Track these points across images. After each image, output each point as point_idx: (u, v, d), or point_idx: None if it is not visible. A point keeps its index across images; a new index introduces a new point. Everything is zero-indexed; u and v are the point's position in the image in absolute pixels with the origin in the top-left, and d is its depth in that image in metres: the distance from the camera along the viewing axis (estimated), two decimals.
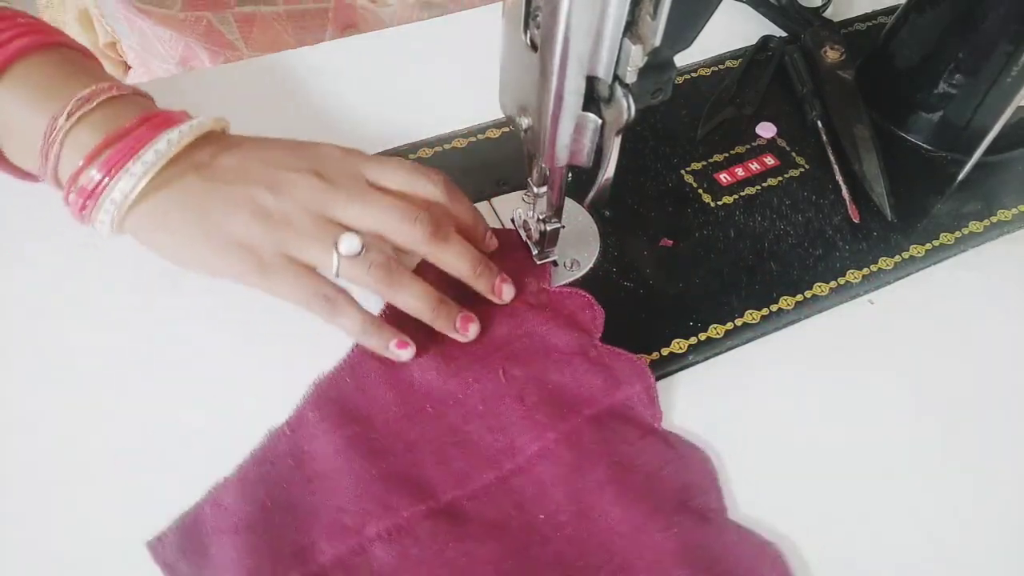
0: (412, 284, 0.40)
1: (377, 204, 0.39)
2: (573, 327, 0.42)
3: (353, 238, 0.38)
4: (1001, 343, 0.46)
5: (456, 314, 0.41)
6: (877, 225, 0.50)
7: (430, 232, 0.39)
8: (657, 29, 0.30)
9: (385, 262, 0.39)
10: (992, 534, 0.39)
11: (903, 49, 0.55)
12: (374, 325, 0.39)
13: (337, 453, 0.38)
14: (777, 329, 0.45)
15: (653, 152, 0.53)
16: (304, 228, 0.38)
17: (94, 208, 0.38)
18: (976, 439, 0.42)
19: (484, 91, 0.42)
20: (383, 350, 0.40)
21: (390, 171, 0.41)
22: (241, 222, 0.38)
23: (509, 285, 0.43)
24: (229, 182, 0.39)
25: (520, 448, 0.38)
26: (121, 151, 0.37)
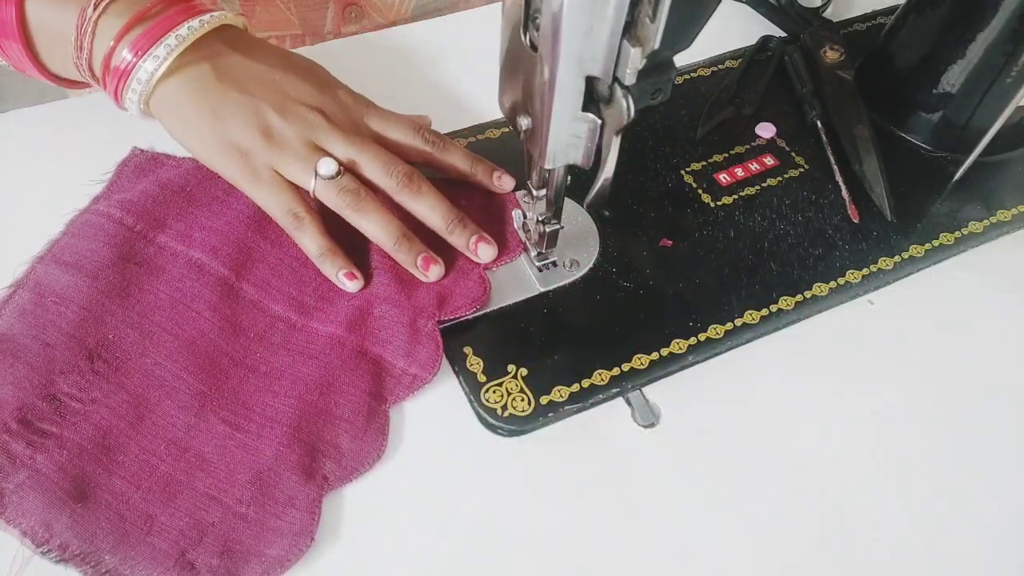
0: (377, 213, 0.43)
1: (366, 149, 0.43)
2: (435, 293, 0.44)
3: (331, 162, 0.42)
4: (1001, 343, 0.46)
5: (418, 252, 0.43)
6: (877, 225, 0.50)
7: (404, 183, 0.43)
8: (656, 32, 0.30)
9: (355, 188, 0.42)
10: (993, 534, 0.39)
11: (903, 49, 0.55)
12: (329, 252, 0.43)
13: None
14: (777, 329, 0.45)
15: (653, 152, 0.53)
16: (295, 150, 0.42)
17: (124, 88, 0.42)
18: (976, 439, 0.42)
19: (484, 91, 0.42)
20: (332, 277, 0.43)
21: (390, 126, 0.45)
22: (244, 131, 0.42)
23: (488, 245, 0.44)
24: (243, 90, 0.43)
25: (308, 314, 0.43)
26: (147, 33, 0.41)
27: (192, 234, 0.44)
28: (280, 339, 0.42)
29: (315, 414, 0.40)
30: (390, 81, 0.56)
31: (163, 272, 0.43)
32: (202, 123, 0.42)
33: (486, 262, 0.45)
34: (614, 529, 0.38)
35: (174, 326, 0.42)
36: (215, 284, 0.43)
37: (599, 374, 0.42)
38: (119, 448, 0.38)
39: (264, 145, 0.42)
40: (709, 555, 0.38)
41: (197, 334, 0.41)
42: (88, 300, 0.42)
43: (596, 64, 0.32)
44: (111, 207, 0.45)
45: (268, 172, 0.42)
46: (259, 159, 0.42)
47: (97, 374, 0.40)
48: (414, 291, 0.44)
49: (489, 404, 0.41)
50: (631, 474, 0.40)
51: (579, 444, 0.41)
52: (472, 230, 0.44)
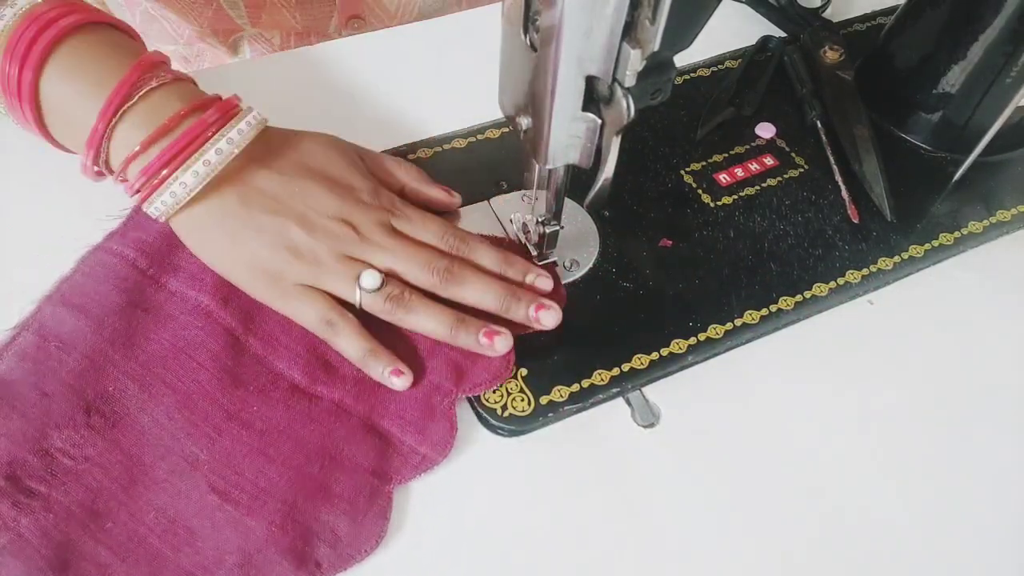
0: (426, 309, 0.41)
1: (401, 254, 0.42)
2: (453, 366, 0.42)
3: (374, 275, 0.41)
4: (1001, 343, 0.46)
5: (478, 330, 0.41)
6: (876, 225, 0.50)
7: (445, 278, 0.42)
8: (656, 34, 0.30)
9: (400, 293, 0.41)
10: (993, 534, 0.39)
11: (902, 49, 0.55)
12: (372, 354, 0.41)
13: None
14: (776, 329, 0.45)
15: (652, 152, 0.53)
16: (330, 266, 0.41)
17: (152, 196, 0.40)
18: (976, 439, 0.42)
19: (484, 91, 0.42)
20: (378, 377, 0.41)
21: (418, 228, 0.44)
22: (270, 252, 0.41)
23: (549, 311, 0.42)
24: (266, 211, 0.41)
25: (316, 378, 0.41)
26: (179, 144, 0.40)
27: (204, 278, 0.43)
28: (281, 397, 0.40)
29: (313, 490, 0.38)
30: (390, 81, 0.56)
31: (170, 320, 0.42)
32: (228, 247, 0.42)
33: (552, 327, 0.43)
34: (614, 529, 0.38)
35: (174, 379, 0.40)
36: (220, 334, 0.42)
37: (599, 374, 0.42)
38: (107, 514, 0.36)
39: (292, 264, 0.41)
40: (709, 555, 0.38)
41: (195, 387, 0.40)
42: (91, 348, 0.40)
43: (596, 64, 0.32)
44: (126, 247, 0.44)
45: (298, 288, 0.41)
46: (289, 278, 0.41)
47: (93, 429, 0.38)
48: (431, 362, 0.42)
49: (489, 404, 0.41)
50: (631, 474, 0.40)
51: (579, 444, 0.41)
52: (528, 299, 0.42)
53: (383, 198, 0.44)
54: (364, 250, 0.42)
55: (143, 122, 0.40)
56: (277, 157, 0.44)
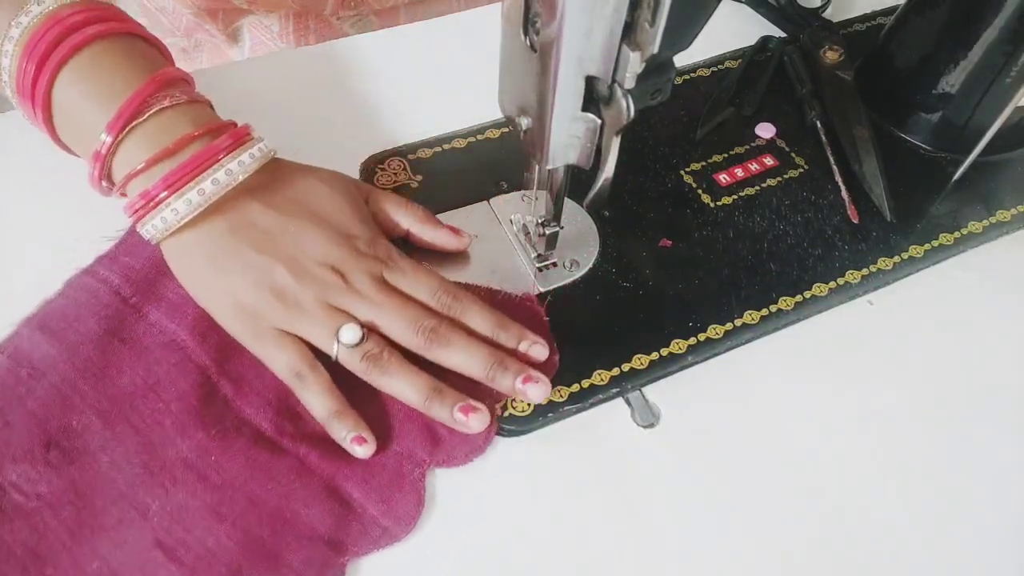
0: (402, 374, 0.40)
1: (387, 309, 0.40)
2: (428, 434, 0.40)
3: (354, 329, 0.40)
4: (1000, 343, 0.46)
5: (452, 404, 0.39)
6: (876, 226, 0.50)
7: (430, 338, 0.40)
8: (655, 36, 0.30)
9: (379, 352, 0.40)
10: (993, 534, 0.39)
11: (902, 50, 0.55)
12: (337, 415, 0.39)
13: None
14: (776, 330, 0.45)
15: (652, 153, 0.53)
16: (311, 313, 0.40)
17: (145, 216, 0.40)
18: (976, 439, 0.42)
19: (484, 91, 0.42)
20: (340, 440, 0.39)
21: (411, 283, 0.42)
22: (252, 290, 0.40)
23: (537, 384, 0.40)
24: (256, 247, 0.40)
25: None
26: (184, 168, 0.39)
27: (186, 310, 0.42)
28: (243, 446, 0.38)
29: (261, 557, 0.36)
30: (391, 81, 0.56)
31: (145, 353, 0.40)
32: (211, 278, 0.41)
33: (539, 402, 0.41)
34: (614, 529, 0.38)
35: (139, 419, 0.39)
36: (192, 372, 0.40)
37: (599, 374, 0.42)
38: (50, 558, 0.35)
39: (274, 307, 0.40)
40: (709, 555, 0.38)
41: (158, 431, 0.38)
42: (61, 377, 0.39)
43: (596, 65, 0.32)
44: (112, 273, 0.43)
45: (274, 331, 0.40)
46: (267, 320, 0.40)
47: (50, 466, 0.37)
48: (406, 425, 0.40)
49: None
50: (631, 474, 0.40)
51: (579, 444, 0.41)
52: (516, 370, 0.40)
53: (380, 248, 0.43)
54: (349, 301, 0.40)
55: (150, 140, 0.40)
56: (277, 193, 0.42)
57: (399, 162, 0.51)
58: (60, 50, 0.40)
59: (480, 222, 0.48)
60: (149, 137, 0.40)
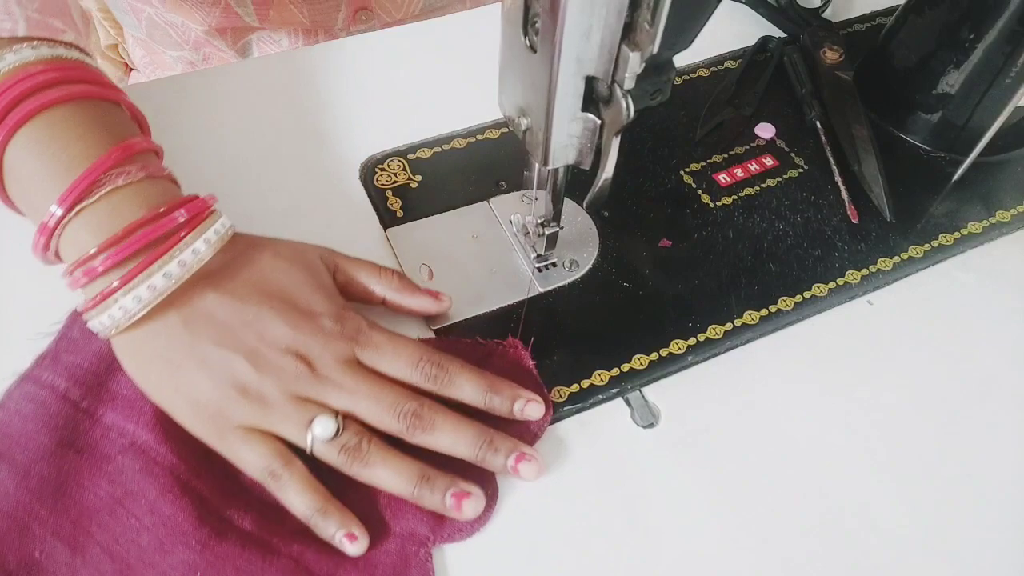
0: (386, 464, 0.37)
1: (362, 396, 0.37)
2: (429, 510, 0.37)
3: (328, 423, 0.37)
4: (1000, 344, 0.46)
5: (444, 491, 0.37)
6: (876, 226, 0.50)
7: (413, 424, 0.37)
8: (655, 36, 0.30)
9: (357, 444, 0.37)
10: (993, 534, 0.39)
11: (902, 50, 0.55)
12: (321, 513, 0.36)
13: None
14: (776, 330, 0.45)
15: (652, 153, 0.53)
16: (279, 407, 0.37)
17: (94, 309, 0.36)
18: (976, 439, 0.42)
19: (484, 91, 0.42)
20: (330, 539, 0.36)
21: (384, 359, 0.39)
22: (213, 388, 0.37)
23: (530, 463, 0.38)
24: (213, 341, 0.37)
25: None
26: (125, 251, 0.36)
27: (144, 407, 0.38)
28: (231, 552, 0.35)
29: None
30: (391, 81, 0.56)
31: (106, 462, 0.37)
32: (168, 377, 0.37)
33: (532, 480, 0.39)
34: (614, 529, 0.38)
35: (111, 539, 0.35)
36: (161, 477, 0.36)
37: (598, 374, 0.42)
38: None
39: (241, 404, 0.37)
40: (709, 555, 0.38)
41: (134, 551, 0.35)
42: (15, 506, 0.35)
43: (595, 65, 0.32)
44: (56, 376, 0.38)
45: (240, 430, 0.37)
46: (232, 419, 0.37)
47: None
48: (405, 504, 0.37)
49: None
50: (630, 474, 0.40)
51: (578, 444, 0.41)
52: (507, 449, 0.38)
53: (349, 324, 0.39)
54: (320, 390, 0.37)
55: (98, 224, 0.36)
56: (233, 276, 0.39)
57: (399, 162, 0.51)
58: (22, 108, 0.37)
59: (480, 222, 0.48)
60: (98, 219, 0.36)
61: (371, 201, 0.49)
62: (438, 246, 0.47)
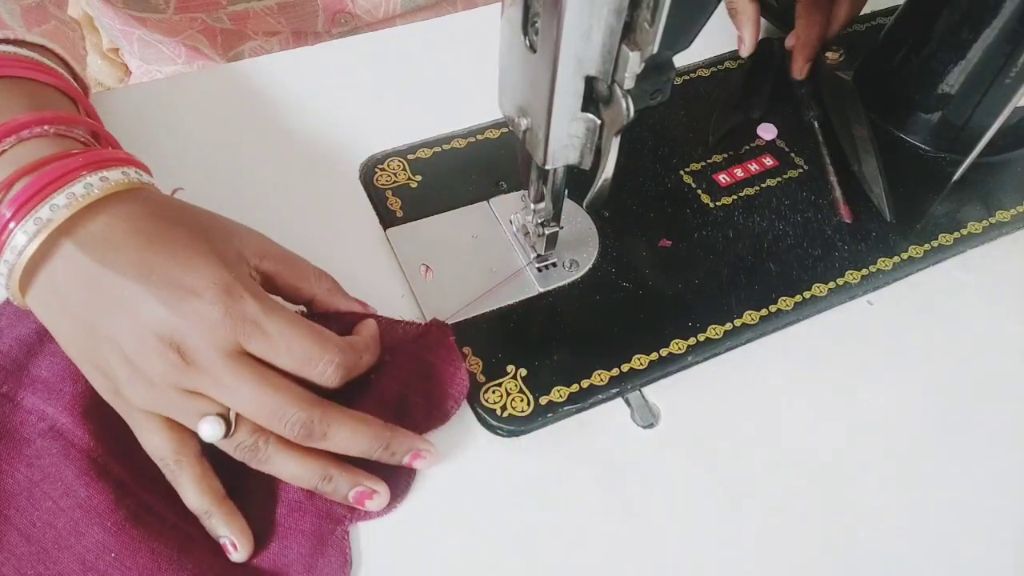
0: (287, 461, 0.36)
1: (243, 397, 0.34)
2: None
3: (214, 425, 0.34)
4: (1000, 344, 0.46)
5: (349, 488, 0.36)
6: (876, 226, 0.50)
7: (303, 434, 0.35)
8: (655, 36, 0.30)
9: (253, 443, 0.35)
10: (993, 534, 0.39)
11: (902, 50, 0.55)
12: (207, 515, 0.36)
13: None
14: (776, 330, 0.45)
15: (652, 153, 0.53)
16: (166, 396, 0.35)
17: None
18: (975, 439, 0.42)
19: (484, 91, 0.42)
20: (214, 536, 0.36)
21: (280, 353, 0.35)
22: (109, 362, 0.35)
23: (426, 458, 0.38)
24: (99, 312, 0.34)
25: None
26: (29, 190, 0.34)
27: (63, 389, 0.37)
28: (145, 535, 0.34)
29: None
30: (390, 81, 0.56)
31: (26, 445, 0.36)
32: (73, 337, 0.36)
33: (423, 468, 0.39)
34: (613, 529, 0.38)
35: (27, 523, 0.34)
36: (78, 460, 0.36)
37: (598, 374, 0.42)
38: None
39: (135, 386, 0.34)
40: (709, 555, 0.38)
41: (51, 534, 0.34)
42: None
43: (595, 65, 0.32)
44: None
45: (141, 411, 0.36)
46: (133, 400, 0.35)
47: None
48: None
49: (488, 404, 0.41)
50: (630, 475, 0.40)
51: (578, 445, 0.41)
52: (405, 450, 0.37)
53: (236, 308, 0.34)
54: (200, 384, 0.34)
55: (7, 168, 0.35)
56: (125, 242, 0.35)
57: (399, 162, 0.51)
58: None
59: (480, 222, 0.48)
60: (7, 165, 0.35)
61: (371, 201, 0.49)
62: (438, 246, 0.47)
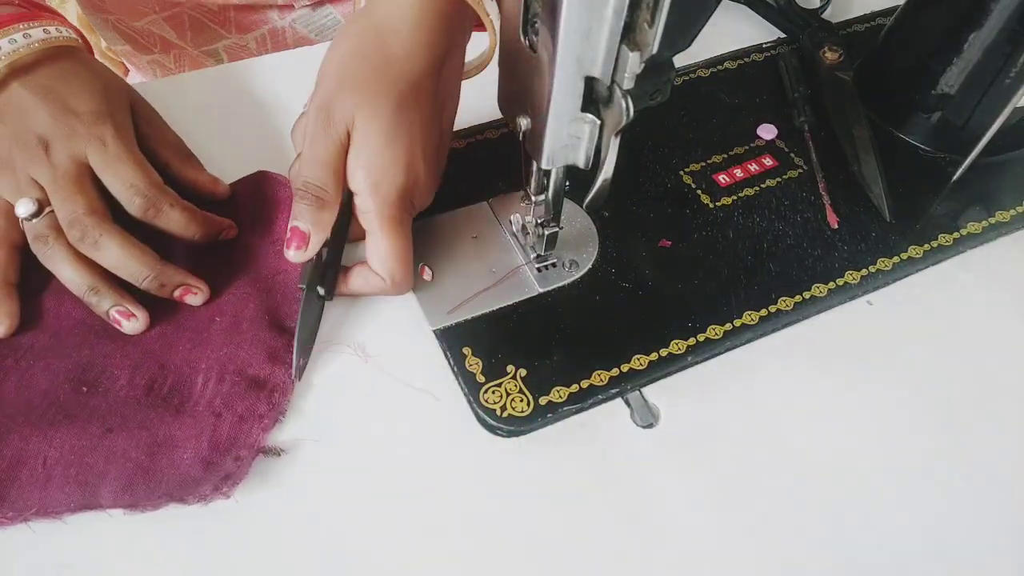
0: (63, 264, 0.40)
1: (59, 192, 0.40)
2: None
3: (27, 203, 0.41)
4: (999, 344, 0.46)
5: (110, 304, 0.41)
6: (875, 226, 0.50)
7: (77, 235, 0.40)
8: (655, 36, 0.30)
9: (44, 235, 0.40)
10: (991, 534, 0.39)
11: (901, 50, 0.55)
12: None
13: None
14: (776, 330, 0.45)
15: (652, 153, 0.53)
16: (16, 181, 0.41)
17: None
18: (975, 440, 0.42)
19: (484, 91, 0.42)
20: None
21: (108, 175, 0.42)
22: (4, 147, 0.42)
23: (195, 296, 0.42)
24: (4, 120, 0.42)
25: None
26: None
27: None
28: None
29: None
30: None
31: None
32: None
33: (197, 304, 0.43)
34: (613, 530, 0.38)
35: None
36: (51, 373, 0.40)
37: (598, 375, 0.42)
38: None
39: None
40: (709, 555, 0.38)
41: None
42: None
43: (595, 65, 0.32)
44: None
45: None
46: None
47: None
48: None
49: (488, 405, 0.41)
50: (630, 475, 0.40)
51: (578, 445, 0.41)
52: (177, 280, 0.42)
53: (96, 129, 0.42)
54: (43, 174, 0.41)
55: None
56: (39, 73, 0.43)
57: None
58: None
59: (479, 222, 0.48)
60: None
61: None
62: (438, 246, 0.47)
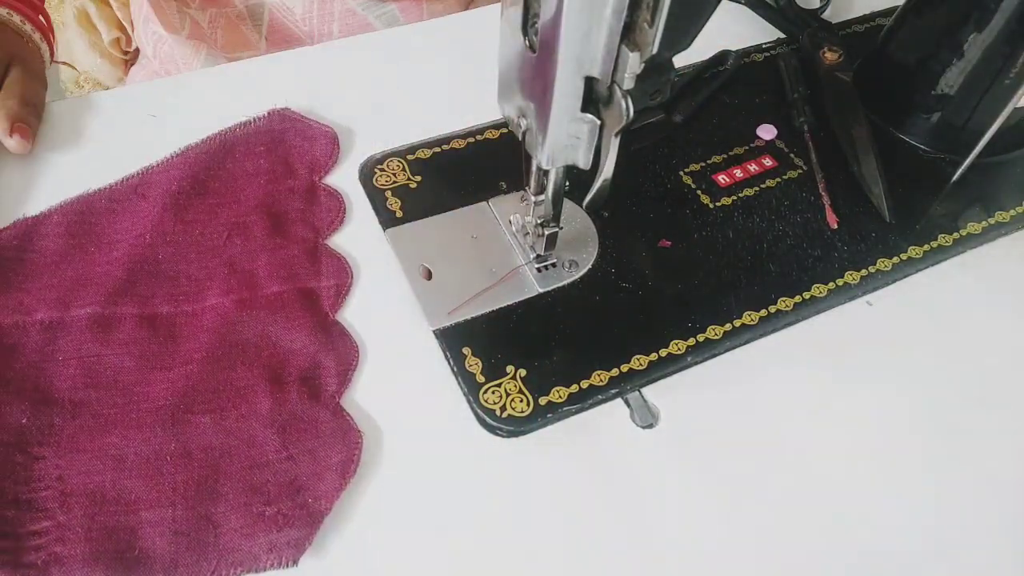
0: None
1: None
2: (309, 222, 0.48)
3: None
4: (999, 344, 0.46)
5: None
6: (875, 226, 0.50)
7: None
8: (655, 37, 0.30)
9: None
10: (991, 534, 0.39)
11: (901, 51, 0.55)
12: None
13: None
14: (775, 330, 0.45)
15: (651, 153, 0.53)
16: None
17: None
18: (975, 439, 0.42)
19: (484, 91, 0.42)
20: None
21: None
22: None
23: (23, 139, 0.48)
24: None
25: (201, 297, 0.45)
26: None
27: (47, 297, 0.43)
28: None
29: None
30: (390, 81, 0.56)
31: (18, 350, 0.41)
32: None
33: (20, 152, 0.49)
34: (613, 530, 0.38)
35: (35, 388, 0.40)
36: (83, 330, 0.42)
37: (598, 375, 0.42)
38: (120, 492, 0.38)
39: None
40: (709, 555, 0.38)
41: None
42: None
43: (595, 66, 0.32)
44: None
45: None
46: None
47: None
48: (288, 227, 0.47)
49: (488, 405, 0.41)
50: (630, 475, 0.40)
51: (578, 445, 0.41)
52: (8, 120, 0.48)
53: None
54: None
55: None
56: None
57: (398, 162, 0.51)
58: None
59: (479, 222, 0.48)
60: None
61: (370, 201, 0.49)
62: (438, 246, 0.47)
